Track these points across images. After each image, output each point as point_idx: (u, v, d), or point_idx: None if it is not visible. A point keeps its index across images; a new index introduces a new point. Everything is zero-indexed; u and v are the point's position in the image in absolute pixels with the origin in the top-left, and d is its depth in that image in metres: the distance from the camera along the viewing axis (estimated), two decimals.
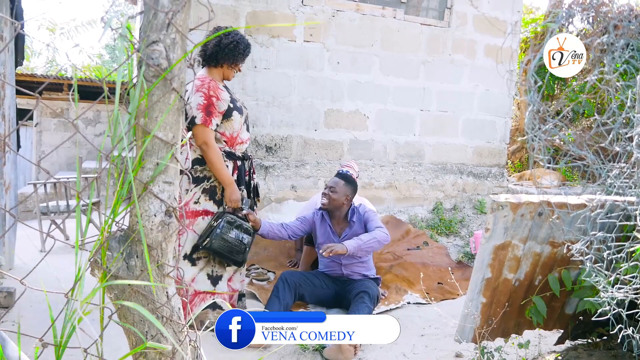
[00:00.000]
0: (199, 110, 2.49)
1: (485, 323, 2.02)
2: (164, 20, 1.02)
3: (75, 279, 0.99)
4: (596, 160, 1.58)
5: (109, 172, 1.04)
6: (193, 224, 2.56)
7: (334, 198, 2.96)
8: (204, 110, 2.50)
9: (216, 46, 2.59)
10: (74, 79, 9.12)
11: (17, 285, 2.94)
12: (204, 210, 2.58)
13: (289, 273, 2.90)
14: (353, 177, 3.23)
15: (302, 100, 4.69)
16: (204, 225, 2.57)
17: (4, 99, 3.15)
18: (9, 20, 3.06)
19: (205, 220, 2.58)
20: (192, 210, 2.56)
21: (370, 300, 2.75)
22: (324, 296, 2.99)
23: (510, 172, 7.96)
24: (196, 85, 2.51)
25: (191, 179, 2.54)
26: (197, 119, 2.48)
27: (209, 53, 2.60)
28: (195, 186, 2.56)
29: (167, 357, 1.12)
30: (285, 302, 2.75)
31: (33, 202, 6.22)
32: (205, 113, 2.49)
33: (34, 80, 8.88)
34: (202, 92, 2.50)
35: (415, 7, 5.11)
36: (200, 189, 2.57)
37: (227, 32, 2.59)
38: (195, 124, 2.48)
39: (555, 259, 2.02)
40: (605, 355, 2.06)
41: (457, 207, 5.31)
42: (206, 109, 2.50)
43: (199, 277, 2.58)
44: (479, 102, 5.41)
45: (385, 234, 2.88)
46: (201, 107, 2.49)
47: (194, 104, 2.48)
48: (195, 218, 2.57)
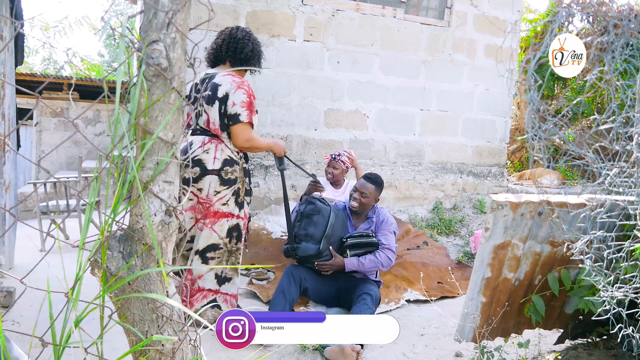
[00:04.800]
0: (244, 108, 2.43)
1: (485, 322, 2.02)
2: (164, 19, 1.02)
3: (75, 278, 1.00)
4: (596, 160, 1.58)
5: (109, 171, 1.04)
6: (214, 223, 2.52)
7: (364, 202, 3.03)
8: (248, 108, 2.45)
9: (251, 52, 2.60)
10: (73, 78, 9.12)
11: (17, 284, 2.94)
12: (229, 213, 2.54)
13: (294, 267, 2.91)
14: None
15: (302, 99, 4.69)
16: (226, 227, 2.53)
17: (4, 98, 3.15)
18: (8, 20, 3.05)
19: (229, 222, 2.54)
20: (217, 211, 2.51)
21: (372, 302, 2.75)
22: (326, 292, 3.00)
23: (510, 172, 7.96)
24: (235, 81, 2.46)
25: (222, 180, 2.49)
26: (243, 116, 2.43)
27: (244, 57, 2.60)
28: (226, 188, 2.51)
29: (167, 357, 1.12)
30: (290, 297, 2.75)
31: (33, 202, 6.22)
32: (249, 110, 2.46)
33: (33, 79, 8.88)
34: (244, 90, 2.46)
35: (415, 6, 5.10)
36: (231, 191, 2.53)
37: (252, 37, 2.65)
38: (240, 122, 2.43)
39: (555, 259, 2.02)
40: (605, 355, 2.06)
41: (457, 206, 5.31)
42: (249, 106, 2.46)
43: (206, 276, 2.56)
44: (479, 102, 5.41)
45: (389, 259, 2.92)
46: (245, 105, 2.44)
47: (238, 101, 2.42)
48: (220, 219, 2.52)
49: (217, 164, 2.47)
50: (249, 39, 2.60)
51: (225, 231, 2.54)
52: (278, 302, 2.71)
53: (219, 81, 2.47)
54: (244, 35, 2.61)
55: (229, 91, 2.43)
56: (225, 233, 2.54)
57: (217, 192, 2.49)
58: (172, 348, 1.12)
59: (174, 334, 1.13)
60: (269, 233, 4.20)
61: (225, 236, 2.55)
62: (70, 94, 10.21)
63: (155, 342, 1.09)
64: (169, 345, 1.12)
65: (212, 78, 2.52)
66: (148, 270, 1.06)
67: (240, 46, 2.56)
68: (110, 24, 0.98)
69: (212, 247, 2.53)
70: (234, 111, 2.43)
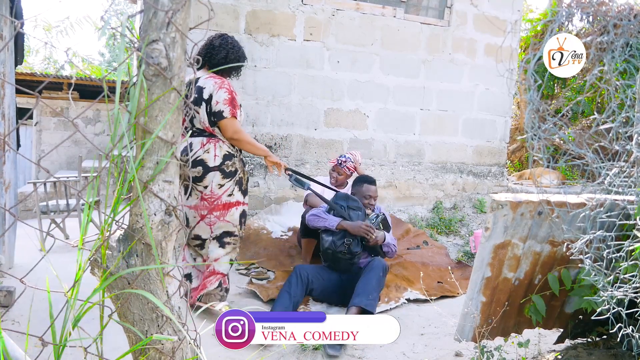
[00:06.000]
0: (226, 104, 2.65)
1: (485, 322, 2.02)
2: (163, 19, 1.02)
3: (75, 278, 1.00)
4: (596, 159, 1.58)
5: (109, 171, 1.04)
6: (225, 215, 2.75)
7: (373, 203, 3.31)
8: (230, 104, 2.66)
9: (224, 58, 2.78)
10: (73, 77, 9.12)
11: (17, 284, 2.94)
12: (236, 202, 2.78)
13: (302, 267, 2.95)
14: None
15: (302, 99, 4.69)
16: (237, 215, 2.78)
17: (4, 97, 3.15)
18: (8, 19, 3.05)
19: (238, 210, 2.78)
20: (225, 203, 2.74)
21: (382, 271, 2.87)
22: (332, 289, 3.03)
23: (510, 171, 7.96)
24: (217, 83, 2.68)
25: (224, 174, 2.71)
26: (226, 112, 2.64)
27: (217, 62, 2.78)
28: (229, 180, 2.73)
29: (167, 356, 1.12)
30: (295, 299, 2.79)
31: (33, 201, 6.22)
32: (231, 106, 2.67)
33: (33, 79, 8.88)
34: (225, 88, 2.67)
35: (415, 6, 5.10)
36: (233, 182, 2.75)
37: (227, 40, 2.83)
38: (224, 117, 2.65)
39: (555, 258, 2.02)
40: (605, 354, 2.06)
41: (457, 206, 5.31)
42: (231, 102, 2.67)
43: (222, 259, 2.80)
44: (479, 101, 5.41)
45: (395, 247, 3.25)
46: (227, 102, 2.66)
47: (220, 100, 2.64)
48: (229, 209, 2.75)
49: (218, 160, 2.69)
50: (225, 47, 2.81)
51: (237, 219, 2.79)
52: (282, 301, 2.74)
53: (202, 84, 2.69)
54: (221, 43, 2.82)
55: (212, 92, 2.66)
56: (237, 220, 2.79)
57: (221, 186, 2.71)
58: (172, 347, 1.12)
59: (174, 333, 1.13)
60: (269, 233, 4.21)
61: (237, 223, 2.80)
62: (70, 93, 10.21)
63: (155, 341, 1.09)
64: (168, 345, 1.12)
65: (197, 82, 2.74)
66: (139, 267, 1.06)
67: (215, 53, 2.79)
68: (110, 23, 0.98)
69: (228, 234, 2.78)
70: (218, 109, 2.64)
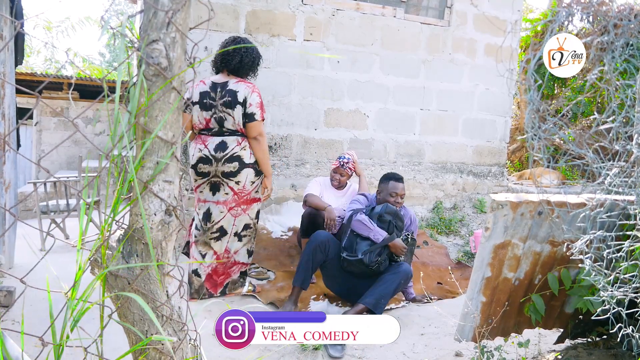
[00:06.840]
0: (258, 107, 2.92)
1: (485, 322, 2.02)
2: (164, 19, 1.02)
3: (75, 277, 1.00)
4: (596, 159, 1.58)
5: (109, 171, 1.04)
6: (248, 209, 3.04)
7: (400, 202, 3.21)
8: (261, 108, 2.94)
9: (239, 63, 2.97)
10: (73, 77, 9.12)
11: (17, 284, 2.94)
12: (258, 198, 3.10)
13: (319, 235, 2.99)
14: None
15: (302, 99, 4.69)
16: (256, 210, 3.08)
17: (4, 97, 3.15)
18: (8, 19, 3.05)
19: (258, 206, 3.10)
20: (252, 198, 3.05)
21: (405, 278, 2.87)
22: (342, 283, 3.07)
23: (510, 171, 7.96)
24: (249, 87, 2.92)
25: (255, 172, 2.99)
26: (257, 115, 2.92)
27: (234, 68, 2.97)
28: (258, 178, 3.03)
29: (167, 356, 1.12)
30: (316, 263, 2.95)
31: (33, 201, 6.22)
32: (261, 109, 2.95)
33: (33, 79, 8.88)
34: (257, 93, 2.94)
35: (415, 6, 5.10)
36: (260, 179, 3.06)
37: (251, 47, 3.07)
38: (255, 119, 2.92)
39: (555, 258, 2.02)
40: (605, 354, 2.06)
41: (457, 206, 5.31)
42: (261, 106, 2.95)
43: (241, 251, 3.10)
44: (479, 101, 5.41)
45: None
46: (259, 105, 2.93)
47: (254, 103, 2.90)
48: (252, 204, 3.05)
49: (252, 158, 2.97)
50: (238, 51, 2.97)
51: (255, 213, 3.10)
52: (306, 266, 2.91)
53: (235, 88, 2.92)
54: (235, 49, 2.97)
55: (246, 95, 2.91)
56: (255, 214, 3.10)
57: (252, 182, 3.00)
58: (172, 347, 1.12)
59: (174, 333, 1.13)
60: (269, 233, 4.21)
61: (254, 217, 3.10)
62: (70, 93, 10.21)
63: (155, 341, 1.09)
64: (168, 345, 1.12)
65: (225, 86, 2.94)
66: (134, 264, 1.06)
67: (230, 58, 2.97)
68: (110, 23, 0.98)
69: (246, 227, 3.07)
70: (251, 111, 2.91)
